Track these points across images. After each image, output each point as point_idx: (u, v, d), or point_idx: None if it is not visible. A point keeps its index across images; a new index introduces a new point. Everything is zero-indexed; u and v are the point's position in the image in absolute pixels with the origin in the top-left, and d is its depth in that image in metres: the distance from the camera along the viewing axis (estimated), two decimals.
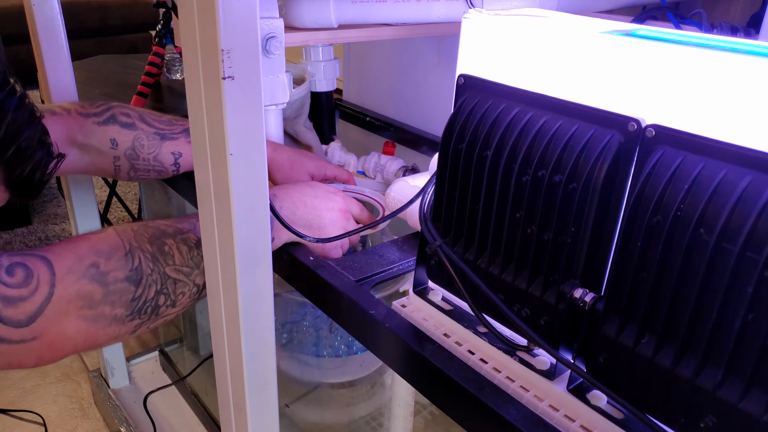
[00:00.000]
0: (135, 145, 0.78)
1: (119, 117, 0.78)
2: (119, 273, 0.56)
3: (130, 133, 0.78)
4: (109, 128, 0.78)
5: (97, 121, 0.78)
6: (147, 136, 0.79)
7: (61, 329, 0.54)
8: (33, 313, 0.52)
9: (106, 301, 0.55)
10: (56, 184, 2.41)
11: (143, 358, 1.49)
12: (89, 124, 0.77)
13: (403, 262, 0.65)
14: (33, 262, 0.53)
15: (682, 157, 0.36)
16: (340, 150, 0.99)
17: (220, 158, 0.46)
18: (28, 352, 0.53)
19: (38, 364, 0.54)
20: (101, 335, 0.56)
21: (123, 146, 0.78)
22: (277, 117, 0.84)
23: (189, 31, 0.44)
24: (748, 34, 0.81)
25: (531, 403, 0.45)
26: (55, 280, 0.53)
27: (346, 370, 1.01)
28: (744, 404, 0.34)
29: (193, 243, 0.61)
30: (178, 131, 0.81)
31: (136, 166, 0.80)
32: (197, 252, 0.61)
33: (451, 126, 0.48)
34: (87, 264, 0.55)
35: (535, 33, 0.44)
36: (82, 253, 0.56)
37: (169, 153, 0.80)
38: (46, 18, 0.96)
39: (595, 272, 0.42)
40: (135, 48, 3.41)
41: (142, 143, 0.79)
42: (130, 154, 0.79)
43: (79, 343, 0.55)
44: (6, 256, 0.53)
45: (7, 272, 0.52)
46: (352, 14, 0.75)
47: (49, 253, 0.55)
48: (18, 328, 0.51)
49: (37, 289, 0.52)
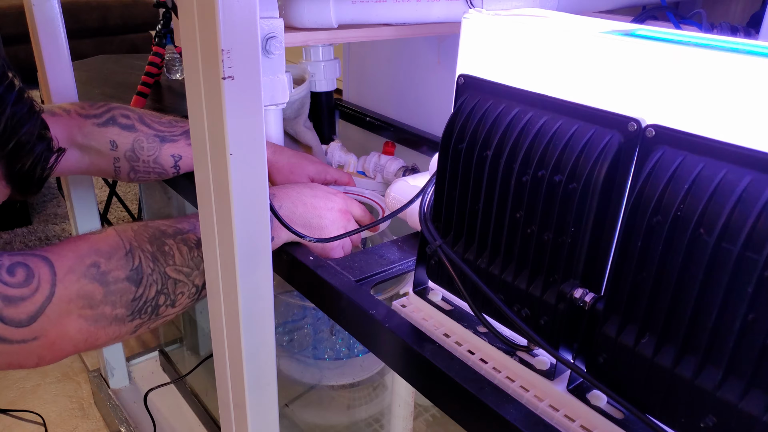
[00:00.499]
0: (135, 147, 0.78)
1: (119, 119, 0.78)
2: (120, 273, 0.56)
3: (129, 135, 0.78)
4: (109, 130, 0.77)
5: (96, 122, 0.78)
6: (147, 138, 0.79)
7: (62, 329, 0.54)
8: (34, 312, 0.52)
9: (107, 301, 0.55)
10: (56, 184, 2.41)
11: (143, 358, 1.49)
12: (89, 125, 0.77)
13: (403, 262, 0.65)
14: (34, 262, 0.53)
15: (682, 157, 0.36)
16: (340, 150, 0.99)
17: (220, 158, 0.46)
18: (29, 352, 0.53)
19: (39, 364, 0.54)
20: (102, 335, 0.56)
21: (123, 148, 0.78)
22: (277, 117, 0.84)
23: (189, 31, 0.44)
24: (748, 34, 0.81)
25: (531, 403, 0.45)
26: (56, 280, 0.53)
27: (346, 372, 1.01)
28: (744, 404, 0.34)
29: (193, 243, 0.61)
30: (179, 133, 0.81)
31: (136, 168, 0.80)
32: (197, 252, 0.61)
33: (451, 126, 0.48)
34: (88, 263, 0.55)
35: (535, 33, 0.44)
36: (82, 253, 0.56)
37: (169, 155, 0.80)
38: (46, 18, 0.96)
39: (595, 272, 0.42)
40: (135, 48, 3.41)
41: (142, 145, 0.79)
42: (129, 156, 0.79)
43: (80, 343, 0.55)
44: (7, 256, 0.53)
45: (8, 272, 0.52)
46: (352, 14, 0.75)
47: (50, 253, 0.55)
48: (19, 328, 0.51)
49: (38, 289, 0.52)
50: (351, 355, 1.01)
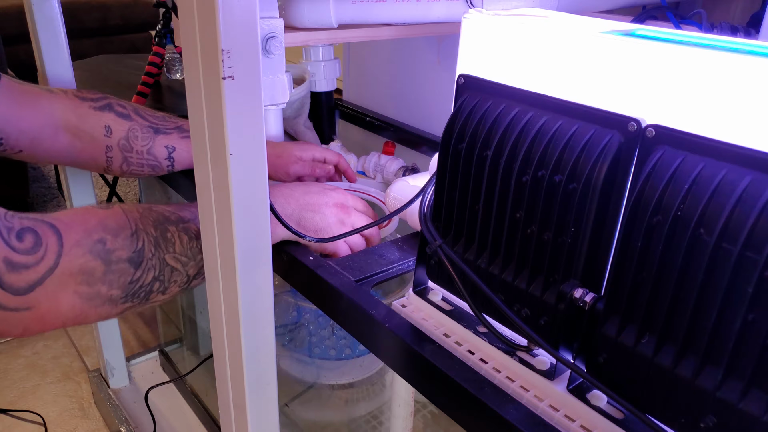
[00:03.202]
0: (129, 136, 0.77)
1: (116, 106, 0.78)
2: (123, 253, 0.55)
3: (125, 123, 0.77)
4: (105, 115, 0.77)
5: (93, 106, 0.77)
6: (141, 128, 0.78)
7: (55, 303, 0.53)
8: (34, 282, 0.51)
9: (105, 280, 0.55)
10: (56, 184, 2.41)
11: (143, 358, 1.49)
12: (85, 107, 0.76)
13: (403, 262, 0.65)
14: (43, 230, 0.52)
15: (682, 157, 0.36)
16: (340, 150, 0.99)
17: (220, 158, 0.46)
18: (18, 321, 0.52)
19: (23, 334, 0.53)
20: (92, 314, 0.55)
21: (117, 135, 0.77)
22: (277, 117, 0.84)
23: (189, 31, 0.44)
24: (748, 34, 0.81)
25: (531, 403, 0.45)
26: (62, 251, 0.52)
27: (346, 372, 1.01)
28: (744, 404, 0.34)
29: (193, 233, 0.61)
30: (171, 127, 0.80)
31: (129, 159, 0.79)
32: (196, 243, 0.61)
33: (451, 126, 0.48)
34: (95, 239, 0.54)
35: (535, 33, 0.44)
36: (90, 227, 0.54)
37: (163, 147, 0.79)
38: (46, 18, 0.96)
39: (595, 272, 0.42)
40: (135, 48, 3.40)
41: (137, 134, 0.78)
42: (123, 145, 0.77)
43: (69, 320, 0.54)
44: (18, 220, 0.52)
45: (17, 237, 0.51)
46: (352, 14, 0.75)
47: (59, 222, 0.53)
48: (16, 296, 0.50)
49: (43, 259, 0.51)
50: (352, 355, 1.02)
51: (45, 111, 0.74)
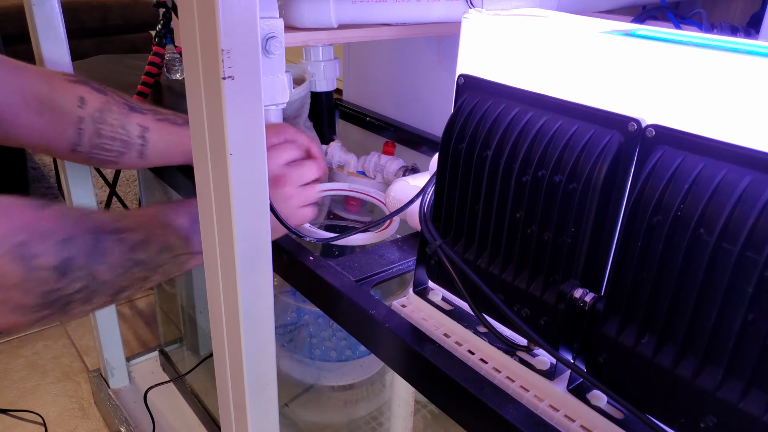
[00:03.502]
0: (103, 109, 0.74)
1: (92, 82, 0.75)
2: (49, 260, 0.50)
3: (100, 97, 0.75)
4: (80, 87, 0.73)
5: (68, 78, 0.73)
6: (117, 104, 0.76)
7: None
8: None
9: (20, 288, 0.49)
10: (56, 184, 2.41)
11: (143, 358, 1.49)
12: (58, 79, 0.73)
13: (403, 262, 0.65)
14: None
15: (682, 157, 0.36)
16: (340, 150, 0.99)
17: (220, 158, 0.46)
18: None
19: None
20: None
21: (91, 106, 0.73)
22: (277, 117, 0.84)
23: (189, 31, 0.44)
24: (748, 34, 0.81)
25: (531, 403, 0.45)
26: None
27: (346, 372, 1.01)
28: (744, 404, 0.34)
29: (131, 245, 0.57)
30: (147, 108, 0.78)
31: (101, 131, 0.74)
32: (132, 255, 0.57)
33: (451, 126, 0.48)
34: (18, 240, 0.49)
35: (535, 33, 0.44)
36: (16, 226, 0.49)
37: (136, 124, 0.76)
38: (46, 18, 0.96)
39: (595, 272, 0.42)
40: (135, 48, 3.40)
41: (111, 108, 0.75)
42: (97, 117, 0.73)
43: None
44: None
45: None
46: (352, 14, 0.75)
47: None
48: None
49: None
50: (352, 356, 1.02)
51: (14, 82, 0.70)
